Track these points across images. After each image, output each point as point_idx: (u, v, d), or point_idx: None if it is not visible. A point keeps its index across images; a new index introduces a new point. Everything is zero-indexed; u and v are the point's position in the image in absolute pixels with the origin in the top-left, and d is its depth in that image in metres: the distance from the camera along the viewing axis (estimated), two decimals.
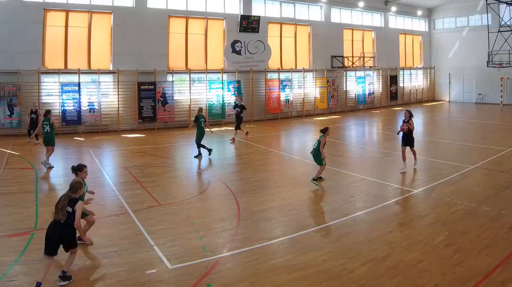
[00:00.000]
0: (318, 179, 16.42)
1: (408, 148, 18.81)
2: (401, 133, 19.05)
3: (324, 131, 16.64)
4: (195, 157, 22.24)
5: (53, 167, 19.59)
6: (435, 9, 53.38)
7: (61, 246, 9.05)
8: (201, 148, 22.37)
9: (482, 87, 49.13)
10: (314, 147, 16.56)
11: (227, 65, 37.59)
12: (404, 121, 18.81)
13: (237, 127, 27.64)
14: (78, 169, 11.01)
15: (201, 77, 36.80)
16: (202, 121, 22.47)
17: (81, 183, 9.97)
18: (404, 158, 18.65)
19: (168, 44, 35.11)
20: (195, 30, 36.61)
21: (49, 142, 19.98)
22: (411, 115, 18.85)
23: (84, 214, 10.36)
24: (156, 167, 20.13)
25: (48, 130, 19.86)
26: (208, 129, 23.14)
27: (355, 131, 33.30)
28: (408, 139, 18.84)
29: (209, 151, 22.33)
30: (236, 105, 28.20)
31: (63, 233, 8.98)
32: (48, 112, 20.49)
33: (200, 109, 23.53)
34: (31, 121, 26.94)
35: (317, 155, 16.36)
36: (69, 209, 9.09)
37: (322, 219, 13.21)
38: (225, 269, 9.65)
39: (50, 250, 8.92)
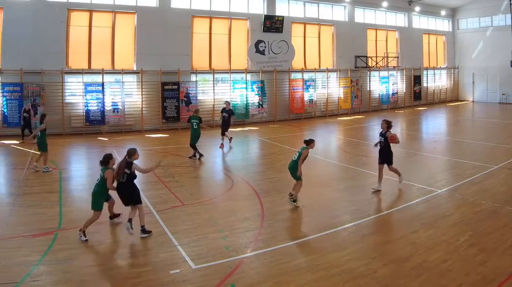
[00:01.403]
0: (294, 200, 13.92)
1: (386, 167, 15.64)
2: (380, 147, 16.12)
3: (308, 143, 14.06)
4: (189, 157, 21.35)
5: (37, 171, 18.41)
6: (458, 9, 51.27)
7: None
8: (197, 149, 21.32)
9: (506, 87, 47.25)
10: (294, 159, 14.04)
11: (251, 65, 36.22)
12: (381, 134, 15.69)
13: (223, 132, 24.68)
14: (109, 157, 11.89)
15: (224, 77, 35.55)
16: (194, 123, 21.32)
17: (135, 149, 11.84)
18: (380, 178, 15.50)
19: (192, 44, 33.85)
20: (219, 30, 35.32)
21: (39, 148, 18.74)
22: (389, 126, 15.60)
23: (109, 197, 12.10)
24: (179, 166, 19.59)
25: (39, 135, 18.61)
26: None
27: (378, 132, 30.89)
28: (384, 155, 15.56)
29: (200, 155, 21.13)
30: (224, 110, 25.12)
31: (125, 190, 11.44)
32: (43, 116, 19.50)
33: (196, 111, 22.61)
34: (24, 120, 26.11)
35: (295, 168, 13.84)
36: (127, 171, 11.36)
37: (345, 219, 12.69)
38: (249, 269, 9.49)
39: (124, 203, 11.61)
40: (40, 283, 8.67)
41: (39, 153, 18.74)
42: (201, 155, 21.09)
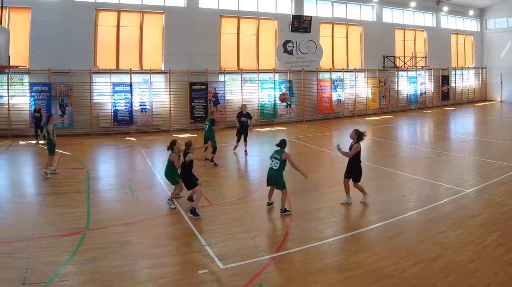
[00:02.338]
0: (285, 210, 12.52)
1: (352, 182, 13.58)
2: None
3: (283, 145, 12.74)
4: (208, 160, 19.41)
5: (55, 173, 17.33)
6: (486, 9, 48.67)
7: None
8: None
9: None
10: (274, 168, 12.59)
11: (279, 65, 34.55)
12: (351, 145, 13.48)
13: (245, 139, 21.44)
14: (173, 144, 12.97)
15: (252, 77, 34.02)
16: (206, 125, 19.75)
17: (191, 142, 12.56)
18: (347, 191, 13.47)
19: (220, 44, 32.36)
20: (247, 30, 33.74)
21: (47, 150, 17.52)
22: (359, 137, 13.24)
23: (176, 181, 12.99)
24: (207, 166, 18.70)
25: (47, 136, 17.46)
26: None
27: (406, 131, 30.89)
28: (351, 169, 13.39)
29: (209, 159, 19.11)
30: (241, 114, 21.43)
31: (183, 177, 12.51)
32: (48, 117, 18.27)
33: (211, 112, 21.34)
34: (35, 120, 24.81)
35: (278, 177, 12.58)
36: (183, 159, 12.40)
37: (373, 219, 12.23)
38: (277, 269, 9.25)
39: (185, 187, 12.69)
40: (68, 283, 8.44)
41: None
42: (209, 159, 19.14)
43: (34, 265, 9.07)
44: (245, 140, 21.38)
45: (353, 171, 13.30)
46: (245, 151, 21.37)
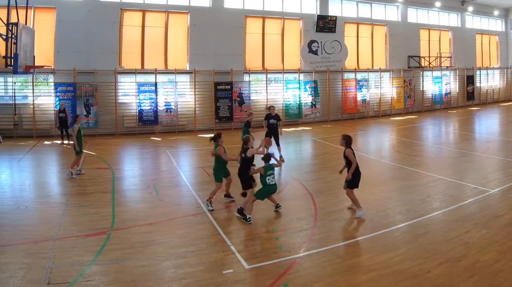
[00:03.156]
0: (244, 217, 11.48)
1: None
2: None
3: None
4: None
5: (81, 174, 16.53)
6: (511, 9, 46.46)
7: None
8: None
9: None
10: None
11: (304, 65, 32.74)
12: (344, 153, 11.87)
13: (278, 143, 18.95)
14: (218, 137, 12.27)
15: (277, 77, 32.23)
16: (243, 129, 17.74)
17: (249, 137, 12.10)
18: (356, 202, 11.86)
19: (245, 44, 30.72)
20: (272, 30, 31.99)
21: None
22: (348, 143, 11.79)
23: (227, 173, 12.51)
24: (232, 166, 17.10)
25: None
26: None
27: (431, 131, 29.21)
28: (350, 178, 11.84)
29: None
30: (269, 116, 19.00)
31: (240, 172, 12.02)
32: (75, 117, 17.23)
33: (248, 114, 18.80)
34: (60, 120, 23.60)
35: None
36: (243, 155, 11.92)
37: (398, 219, 11.59)
38: (302, 269, 8.77)
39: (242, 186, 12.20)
40: (93, 283, 8.09)
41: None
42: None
43: (59, 265, 8.72)
44: (278, 145, 18.85)
45: (354, 178, 11.74)
46: (281, 156, 17.40)
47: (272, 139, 17.81)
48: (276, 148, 18.68)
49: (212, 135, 12.70)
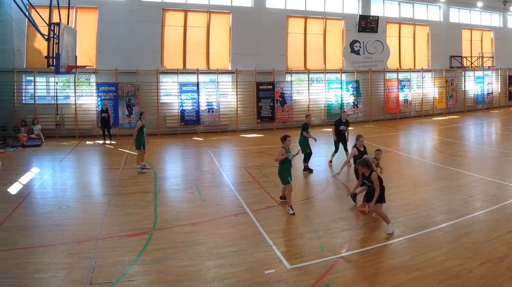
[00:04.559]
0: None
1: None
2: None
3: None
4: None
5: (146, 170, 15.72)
6: None
7: None
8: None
9: None
10: None
11: (346, 65, 29.48)
12: (365, 178, 10.22)
13: (346, 148, 16.63)
14: (283, 139, 11.27)
15: (319, 77, 29.06)
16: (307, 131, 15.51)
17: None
18: (385, 217, 10.04)
19: (287, 44, 27.69)
20: (314, 30, 28.81)
21: (135, 145, 15.89)
22: (369, 166, 10.00)
23: (288, 181, 11.23)
24: (274, 166, 15.00)
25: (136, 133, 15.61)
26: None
27: (473, 132, 26.73)
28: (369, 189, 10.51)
29: (307, 170, 15.44)
30: (339, 122, 16.79)
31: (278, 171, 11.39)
32: (140, 114, 16.35)
33: (306, 115, 16.40)
34: (102, 120, 21.52)
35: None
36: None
37: (440, 219, 10.70)
38: (344, 269, 8.06)
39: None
40: (135, 283, 7.49)
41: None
42: (308, 170, 15.35)
43: (101, 265, 8.13)
44: (346, 150, 16.43)
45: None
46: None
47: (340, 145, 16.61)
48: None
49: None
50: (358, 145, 12.19)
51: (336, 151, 16.68)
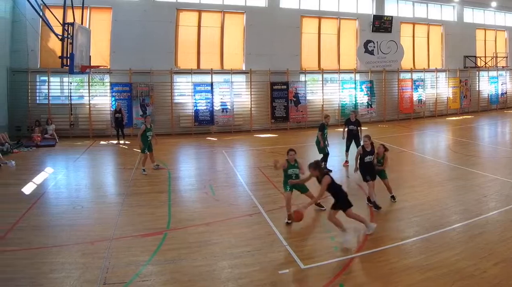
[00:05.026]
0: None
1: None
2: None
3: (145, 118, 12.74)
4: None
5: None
6: None
7: None
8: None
9: None
10: None
11: (360, 65, 28.45)
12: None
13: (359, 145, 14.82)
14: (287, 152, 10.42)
15: (333, 77, 28.03)
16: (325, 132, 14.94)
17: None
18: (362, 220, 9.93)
19: (301, 44, 26.71)
20: (328, 30, 27.79)
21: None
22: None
23: (305, 189, 10.57)
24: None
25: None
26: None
27: (487, 132, 25.87)
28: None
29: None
30: (348, 122, 16.10)
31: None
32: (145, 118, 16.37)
33: (325, 116, 15.78)
34: (116, 120, 20.87)
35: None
36: None
37: (454, 219, 10.27)
38: (358, 269, 7.85)
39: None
40: (149, 283, 7.25)
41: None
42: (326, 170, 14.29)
43: (115, 265, 7.90)
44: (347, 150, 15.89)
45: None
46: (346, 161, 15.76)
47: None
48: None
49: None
50: (365, 145, 11.54)
51: (347, 150, 16.03)
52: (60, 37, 15.26)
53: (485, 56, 34.36)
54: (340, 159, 16.49)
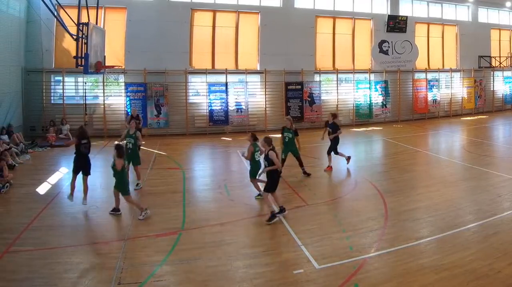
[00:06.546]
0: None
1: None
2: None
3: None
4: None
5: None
6: None
7: None
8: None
9: None
10: None
11: (375, 65, 27.04)
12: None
13: (329, 152, 14.89)
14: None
15: (348, 77, 26.71)
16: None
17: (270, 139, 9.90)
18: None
19: (315, 44, 25.40)
20: (342, 30, 26.46)
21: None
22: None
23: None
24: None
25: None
26: None
27: (502, 131, 24.89)
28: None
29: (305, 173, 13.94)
30: (329, 124, 15.13)
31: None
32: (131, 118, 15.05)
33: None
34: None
35: None
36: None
37: (469, 219, 9.75)
38: (373, 269, 7.47)
39: None
40: (164, 283, 7.02)
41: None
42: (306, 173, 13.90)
43: (130, 265, 7.58)
44: (330, 153, 14.89)
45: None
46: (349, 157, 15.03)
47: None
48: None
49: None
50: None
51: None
52: (74, 37, 14.54)
53: (499, 56, 32.59)
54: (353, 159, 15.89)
